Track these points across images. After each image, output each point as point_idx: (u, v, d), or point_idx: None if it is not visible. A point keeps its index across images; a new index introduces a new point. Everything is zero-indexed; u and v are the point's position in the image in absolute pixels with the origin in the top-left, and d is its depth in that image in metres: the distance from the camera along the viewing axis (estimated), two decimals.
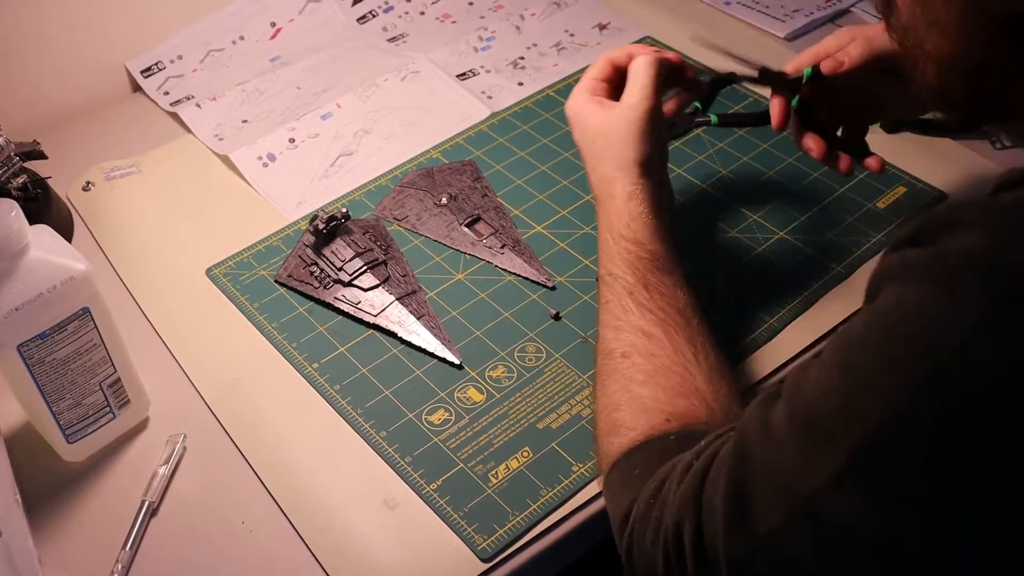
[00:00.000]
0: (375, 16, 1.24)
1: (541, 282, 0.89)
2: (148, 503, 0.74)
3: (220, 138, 1.07)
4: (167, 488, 0.76)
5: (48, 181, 0.97)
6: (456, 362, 0.83)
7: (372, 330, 0.86)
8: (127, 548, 0.71)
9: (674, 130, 0.86)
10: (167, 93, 1.13)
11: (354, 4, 1.24)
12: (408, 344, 0.84)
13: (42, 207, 0.94)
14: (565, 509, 0.73)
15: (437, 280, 0.90)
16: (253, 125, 1.08)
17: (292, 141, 1.05)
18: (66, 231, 0.96)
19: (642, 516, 0.60)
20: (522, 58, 1.16)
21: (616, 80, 0.81)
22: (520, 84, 1.13)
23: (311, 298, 0.89)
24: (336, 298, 0.88)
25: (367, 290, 0.88)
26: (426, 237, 0.94)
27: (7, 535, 0.65)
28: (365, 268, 0.89)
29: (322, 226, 0.91)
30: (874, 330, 0.48)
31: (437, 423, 0.79)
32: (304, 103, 1.10)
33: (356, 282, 0.89)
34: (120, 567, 0.70)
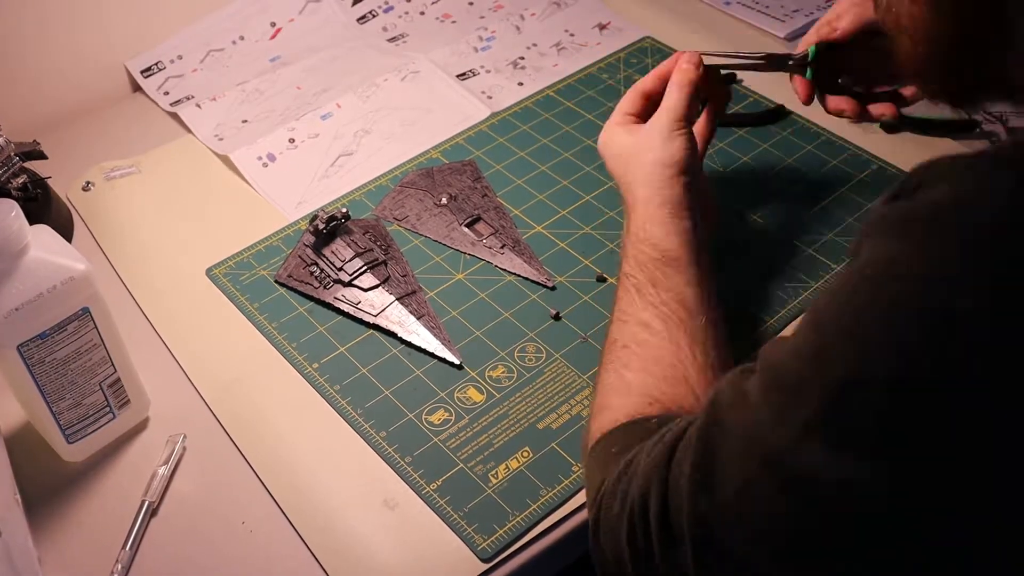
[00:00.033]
0: (375, 16, 1.24)
1: (541, 282, 0.89)
2: (148, 503, 0.74)
3: (220, 138, 1.07)
4: (167, 488, 0.76)
5: (48, 181, 0.97)
6: (456, 362, 0.83)
7: (372, 330, 0.86)
8: (127, 548, 0.71)
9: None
10: (167, 93, 1.13)
11: (354, 4, 1.24)
12: (408, 344, 0.84)
13: (42, 207, 0.94)
14: (565, 509, 0.73)
15: (437, 280, 0.90)
16: (253, 125, 1.08)
17: (292, 141, 1.05)
18: (66, 231, 0.96)
19: (611, 490, 0.60)
20: (522, 58, 1.16)
21: (645, 113, 0.82)
22: (520, 84, 1.13)
23: (311, 298, 0.89)
24: (336, 298, 0.88)
25: (367, 290, 0.88)
26: (426, 237, 0.94)
27: (7, 535, 0.65)
28: (365, 268, 0.89)
29: (322, 226, 0.91)
30: (845, 286, 0.48)
31: (437, 423, 0.79)
32: (304, 103, 1.10)
33: (356, 282, 0.89)
34: (120, 567, 0.70)
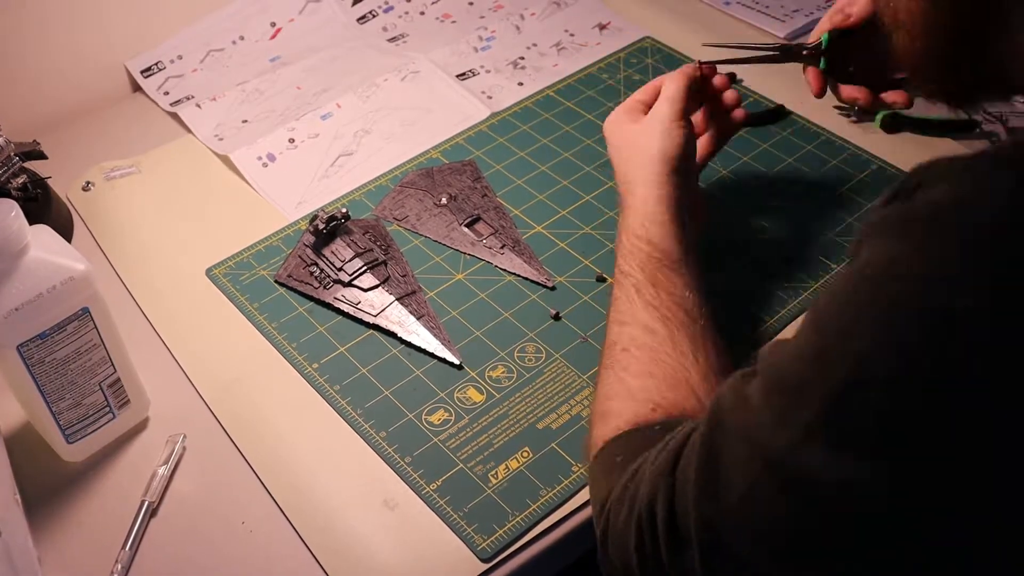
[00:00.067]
0: (375, 16, 1.24)
1: (541, 282, 0.89)
2: (148, 503, 0.74)
3: (220, 138, 1.07)
4: (167, 488, 0.76)
5: (48, 181, 0.97)
6: (456, 362, 0.83)
7: (372, 330, 0.86)
8: (127, 548, 0.71)
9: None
10: (167, 93, 1.13)
11: (354, 4, 1.24)
12: (408, 344, 0.84)
13: (42, 207, 0.94)
14: (565, 509, 0.73)
15: (437, 280, 0.90)
16: (253, 125, 1.08)
17: (292, 141, 1.05)
18: (66, 231, 0.96)
19: (617, 498, 0.60)
20: (522, 58, 1.16)
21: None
22: (520, 84, 1.13)
23: (311, 298, 0.89)
24: (336, 298, 0.88)
25: (367, 290, 0.88)
26: (426, 237, 0.94)
27: (7, 535, 0.65)
28: (365, 268, 0.89)
29: (322, 226, 0.91)
30: (846, 286, 0.48)
31: (437, 423, 0.79)
32: (304, 103, 1.10)
33: (356, 282, 0.89)
34: (120, 567, 0.70)
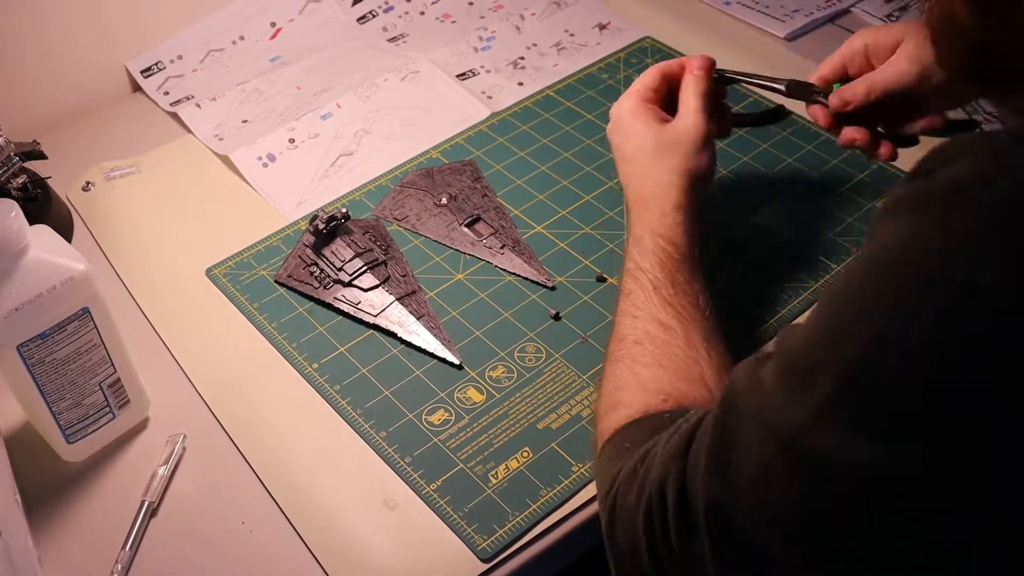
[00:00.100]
0: (375, 16, 1.24)
1: (541, 282, 0.89)
2: (148, 503, 0.74)
3: (220, 138, 1.07)
4: (167, 488, 0.76)
5: (48, 181, 0.97)
6: (456, 362, 0.83)
7: (372, 330, 0.86)
8: (127, 548, 0.71)
9: None
10: (167, 93, 1.13)
11: (354, 4, 1.24)
12: (408, 344, 0.84)
13: (42, 207, 0.94)
14: (565, 509, 0.73)
15: (437, 280, 0.90)
16: (253, 125, 1.08)
17: (292, 141, 1.05)
18: (66, 231, 0.96)
19: (626, 480, 0.60)
20: (522, 58, 1.16)
21: (664, 90, 0.84)
22: (520, 84, 1.13)
23: (311, 298, 0.89)
24: (336, 298, 0.88)
25: (367, 290, 0.88)
26: (426, 237, 0.94)
27: (7, 535, 0.65)
28: (365, 268, 0.89)
29: (322, 226, 0.91)
30: (862, 265, 0.48)
31: (437, 423, 0.79)
32: (304, 103, 1.10)
33: (356, 282, 0.89)
34: (120, 567, 0.70)
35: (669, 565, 0.56)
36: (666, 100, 0.84)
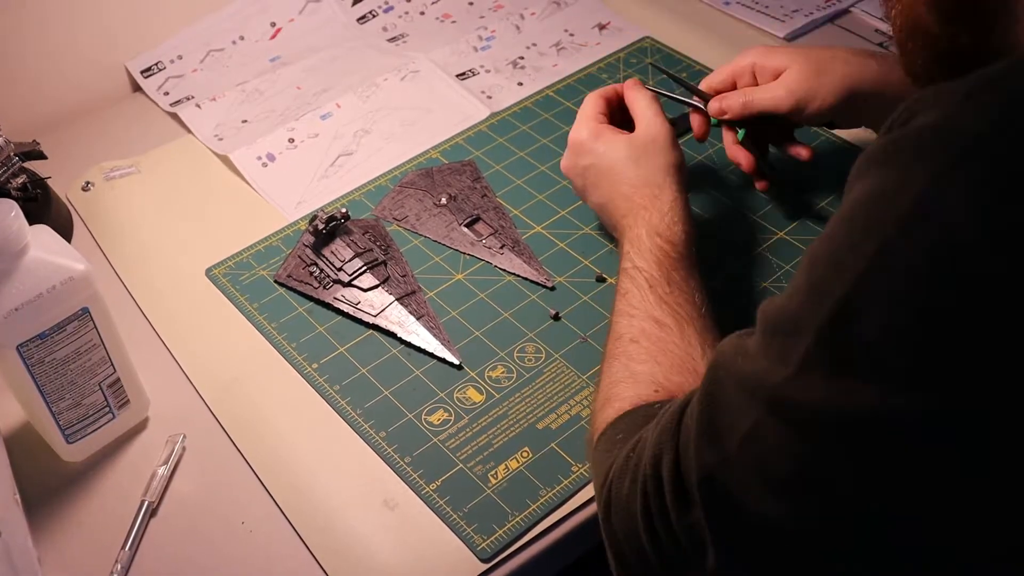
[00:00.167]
0: (375, 16, 1.24)
1: (541, 282, 0.89)
2: (148, 503, 0.74)
3: (220, 138, 1.07)
4: (167, 488, 0.76)
5: (48, 181, 0.97)
6: (456, 362, 0.83)
7: (372, 330, 0.86)
8: (127, 548, 0.72)
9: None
10: (167, 93, 1.13)
11: (354, 4, 1.24)
12: (408, 344, 0.84)
13: (42, 207, 0.94)
14: (565, 509, 0.73)
15: (437, 280, 0.90)
16: (253, 125, 1.08)
17: (292, 141, 1.05)
18: (66, 231, 0.96)
19: (620, 470, 0.60)
20: (522, 58, 1.16)
21: (608, 113, 0.88)
22: (520, 84, 1.13)
23: (311, 298, 0.89)
24: (336, 298, 0.88)
25: (367, 290, 0.88)
26: (426, 237, 0.94)
27: (7, 535, 0.65)
28: (365, 268, 0.89)
29: (322, 226, 0.91)
30: (838, 224, 0.48)
31: (437, 423, 0.79)
32: (304, 103, 1.10)
33: (356, 282, 0.89)
34: (119, 567, 0.70)
35: (668, 544, 0.55)
36: (614, 121, 0.87)
